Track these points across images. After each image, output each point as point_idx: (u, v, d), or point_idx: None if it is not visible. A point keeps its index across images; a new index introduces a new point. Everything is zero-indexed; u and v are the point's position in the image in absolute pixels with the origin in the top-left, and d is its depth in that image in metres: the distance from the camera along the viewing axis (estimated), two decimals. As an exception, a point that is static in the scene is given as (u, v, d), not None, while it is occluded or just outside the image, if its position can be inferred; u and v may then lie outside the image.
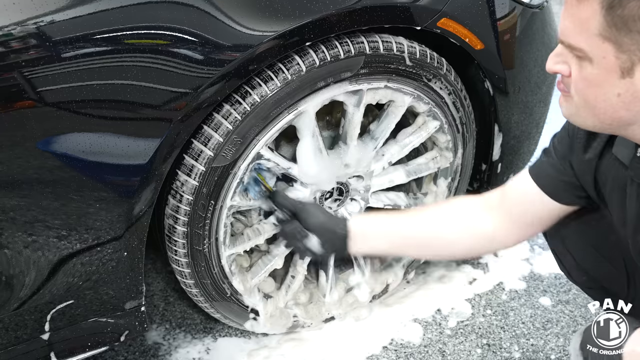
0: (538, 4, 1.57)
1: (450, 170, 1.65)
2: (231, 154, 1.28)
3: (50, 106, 1.03)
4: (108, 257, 1.23)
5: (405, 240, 1.35)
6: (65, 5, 1.01)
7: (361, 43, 1.31)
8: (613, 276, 1.24)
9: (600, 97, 0.91)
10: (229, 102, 1.24)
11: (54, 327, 1.25)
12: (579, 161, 1.11)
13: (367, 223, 1.39)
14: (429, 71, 1.43)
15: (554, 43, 1.73)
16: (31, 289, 1.18)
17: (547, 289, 1.83)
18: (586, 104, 0.93)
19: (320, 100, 1.33)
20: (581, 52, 0.89)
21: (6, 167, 1.05)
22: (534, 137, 1.84)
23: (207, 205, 1.31)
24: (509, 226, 1.23)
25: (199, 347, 1.64)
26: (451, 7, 1.34)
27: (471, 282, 1.86)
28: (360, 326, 1.70)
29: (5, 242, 1.11)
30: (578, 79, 0.92)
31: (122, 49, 1.05)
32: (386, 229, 1.36)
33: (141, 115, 1.12)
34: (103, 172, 1.13)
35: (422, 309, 1.76)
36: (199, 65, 1.12)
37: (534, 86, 1.66)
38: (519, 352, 1.63)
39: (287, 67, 1.25)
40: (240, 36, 1.14)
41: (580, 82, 0.92)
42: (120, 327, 1.34)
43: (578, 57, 0.90)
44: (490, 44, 1.45)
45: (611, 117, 0.92)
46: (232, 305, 1.53)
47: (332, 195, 1.54)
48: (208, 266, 1.41)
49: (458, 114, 1.55)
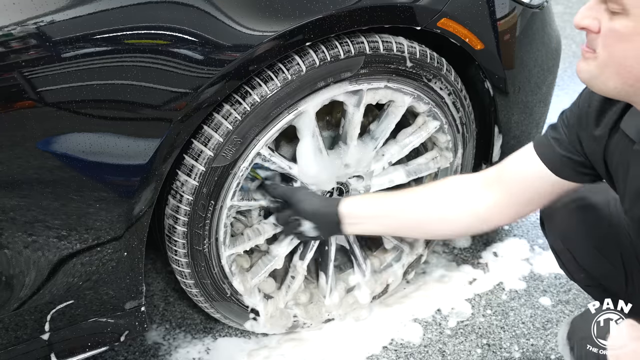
0: (538, 4, 1.57)
1: (450, 171, 1.65)
2: (231, 154, 1.28)
3: (50, 106, 1.03)
4: (108, 257, 1.23)
5: (398, 221, 1.34)
6: (65, 5, 1.01)
7: (361, 43, 1.31)
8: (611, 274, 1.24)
9: (629, 53, 0.89)
10: (229, 102, 1.24)
11: (54, 327, 1.25)
12: (589, 137, 1.09)
13: (359, 205, 1.39)
14: (429, 71, 1.43)
15: (554, 43, 1.73)
16: (31, 289, 1.18)
17: (547, 289, 1.83)
18: (612, 61, 0.91)
19: (320, 100, 1.33)
20: (620, 5, 0.87)
21: (6, 167, 1.05)
22: (534, 137, 1.83)
23: (207, 205, 1.32)
24: (507, 203, 1.21)
25: (199, 347, 1.64)
26: (451, 7, 1.34)
27: (471, 282, 1.86)
28: (360, 326, 1.70)
29: (5, 242, 1.11)
30: (608, 33, 0.90)
31: (122, 49, 1.05)
32: (378, 210, 1.35)
33: (141, 115, 1.12)
34: (103, 172, 1.13)
35: (422, 309, 1.76)
36: (199, 65, 1.12)
37: (534, 86, 1.66)
38: (519, 352, 1.63)
39: (287, 67, 1.25)
40: (240, 36, 1.14)
41: (611, 37, 0.90)
42: (120, 327, 1.34)
43: (612, 13, 0.89)
44: (490, 44, 1.45)
45: (636, 76, 0.91)
46: (232, 305, 1.53)
47: (332, 195, 1.54)
48: (208, 266, 1.41)
49: (458, 114, 1.55)
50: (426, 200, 1.31)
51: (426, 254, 1.79)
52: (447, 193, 1.29)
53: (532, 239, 2.01)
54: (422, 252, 1.76)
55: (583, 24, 0.93)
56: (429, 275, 1.88)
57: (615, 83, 0.94)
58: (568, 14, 3.54)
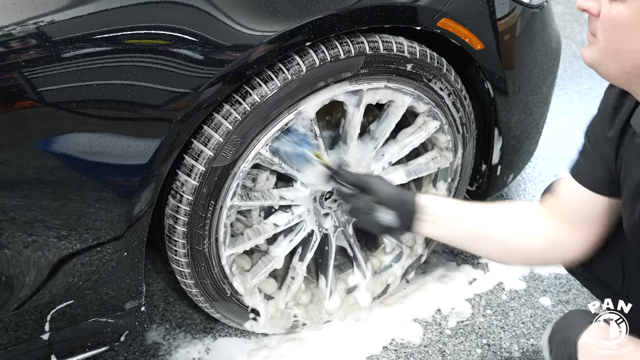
0: (538, 4, 1.57)
1: (450, 171, 1.65)
2: (231, 154, 1.28)
3: (50, 106, 1.03)
4: (108, 257, 1.23)
5: (470, 230, 1.28)
6: (65, 5, 1.01)
7: (361, 43, 1.31)
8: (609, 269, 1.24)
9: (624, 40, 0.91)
10: (229, 102, 1.24)
11: (54, 327, 1.25)
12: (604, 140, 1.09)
13: (435, 201, 1.32)
14: (429, 71, 1.43)
15: (554, 43, 1.73)
16: (31, 289, 1.18)
17: (547, 289, 1.83)
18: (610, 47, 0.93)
19: (320, 100, 1.33)
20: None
21: (6, 167, 1.05)
22: (534, 137, 1.84)
23: (207, 205, 1.32)
24: (569, 227, 1.19)
25: (199, 347, 1.64)
26: (451, 7, 1.34)
27: (471, 282, 1.86)
28: (360, 326, 1.70)
29: (5, 242, 1.11)
30: (605, 18, 0.91)
31: (122, 49, 1.05)
32: (452, 212, 1.30)
33: (141, 115, 1.12)
34: (103, 172, 1.13)
35: (422, 309, 1.76)
36: (199, 65, 1.12)
37: (534, 86, 1.66)
38: (519, 352, 1.63)
39: (287, 67, 1.25)
40: (240, 36, 1.14)
41: (607, 22, 0.92)
42: (120, 327, 1.34)
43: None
44: (490, 44, 1.45)
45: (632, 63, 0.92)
46: (232, 305, 1.53)
47: (332, 195, 1.55)
48: (208, 266, 1.41)
49: (458, 114, 1.55)
50: (500, 215, 1.27)
51: (426, 254, 1.79)
52: (519, 213, 1.25)
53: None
54: (422, 252, 1.76)
55: (585, 6, 0.95)
56: (429, 275, 1.88)
57: (615, 70, 0.95)
58: (568, 14, 3.54)
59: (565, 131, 2.47)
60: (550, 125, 2.14)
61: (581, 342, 1.11)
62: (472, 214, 1.28)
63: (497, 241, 1.25)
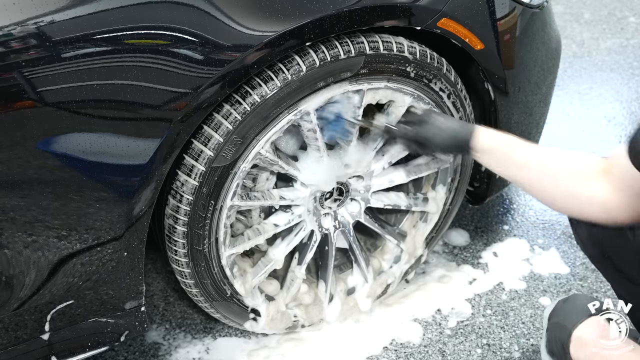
0: (538, 4, 1.57)
1: (450, 171, 1.65)
2: (231, 154, 1.28)
3: (50, 106, 1.03)
4: (108, 257, 1.23)
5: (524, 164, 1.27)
6: (65, 5, 1.01)
7: (361, 43, 1.31)
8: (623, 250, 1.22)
9: None
10: (229, 102, 1.24)
11: (54, 327, 1.25)
12: None
13: (494, 132, 1.34)
14: (429, 71, 1.43)
15: (554, 43, 1.73)
16: (31, 289, 1.18)
17: (547, 289, 1.83)
18: None
19: (320, 100, 1.33)
20: None
21: (6, 167, 1.05)
22: (534, 137, 1.83)
23: (207, 205, 1.32)
24: (617, 194, 1.14)
25: (199, 347, 1.64)
26: (451, 7, 1.34)
27: (471, 282, 1.86)
28: (360, 326, 1.70)
29: (5, 242, 1.11)
30: None
31: (122, 49, 1.05)
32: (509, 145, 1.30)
33: (141, 115, 1.12)
34: (103, 172, 1.13)
35: (422, 309, 1.76)
36: (198, 65, 1.12)
37: (534, 86, 1.66)
38: (519, 352, 1.63)
39: (287, 67, 1.25)
40: (240, 36, 1.14)
41: None
42: (120, 327, 1.34)
43: None
44: (490, 44, 1.45)
45: None
46: (232, 305, 1.53)
47: (332, 195, 1.55)
48: (208, 266, 1.41)
49: (458, 114, 1.55)
50: (556, 156, 1.24)
51: (426, 254, 1.79)
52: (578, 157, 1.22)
53: (532, 239, 2.01)
54: (422, 252, 1.76)
55: None
56: (429, 275, 1.88)
57: None
58: (568, 14, 3.54)
59: (565, 131, 2.47)
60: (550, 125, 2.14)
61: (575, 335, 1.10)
62: (530, 150, 1.28)
63: (550, 173, 1.22)
